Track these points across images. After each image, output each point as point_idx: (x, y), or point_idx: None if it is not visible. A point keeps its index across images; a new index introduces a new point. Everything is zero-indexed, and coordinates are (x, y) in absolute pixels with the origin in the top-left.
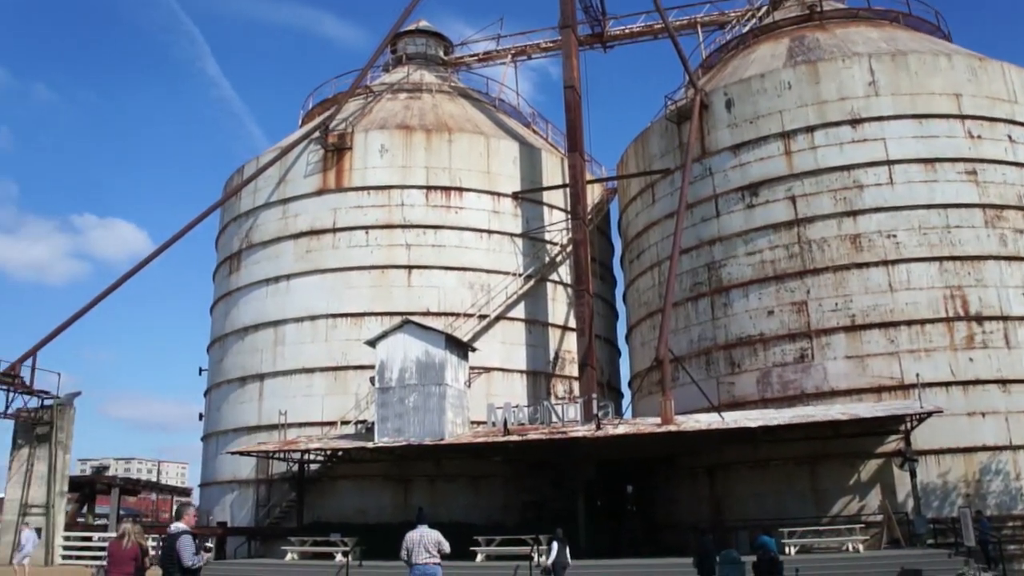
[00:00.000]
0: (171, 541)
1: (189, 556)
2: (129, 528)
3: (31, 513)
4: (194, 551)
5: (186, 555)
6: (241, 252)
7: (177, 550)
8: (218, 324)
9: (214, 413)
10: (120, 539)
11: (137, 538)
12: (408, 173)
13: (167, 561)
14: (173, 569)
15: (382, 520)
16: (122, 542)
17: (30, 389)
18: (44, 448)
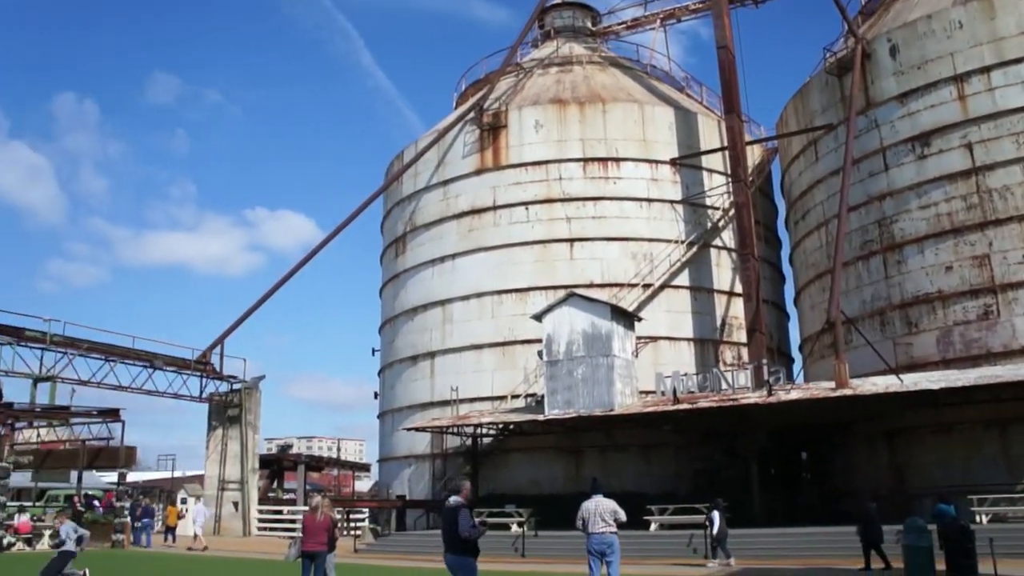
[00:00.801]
0: (451, 513)
1: (467, 527)
2: (321, 501)
3: (228, 488)
4: (471, 523)
5: (464, 526)
6: (406, 235)
7: (457, 520)
8: (388, 305)
9: (388, 391)
10: (313, 511)
11: (328, 511)
12: (564, 147)
13: (449, 530)
14: (454, 538)
15: (555, 491)
16: (315, 514)
17: (220, 375)
18: (236, 429)
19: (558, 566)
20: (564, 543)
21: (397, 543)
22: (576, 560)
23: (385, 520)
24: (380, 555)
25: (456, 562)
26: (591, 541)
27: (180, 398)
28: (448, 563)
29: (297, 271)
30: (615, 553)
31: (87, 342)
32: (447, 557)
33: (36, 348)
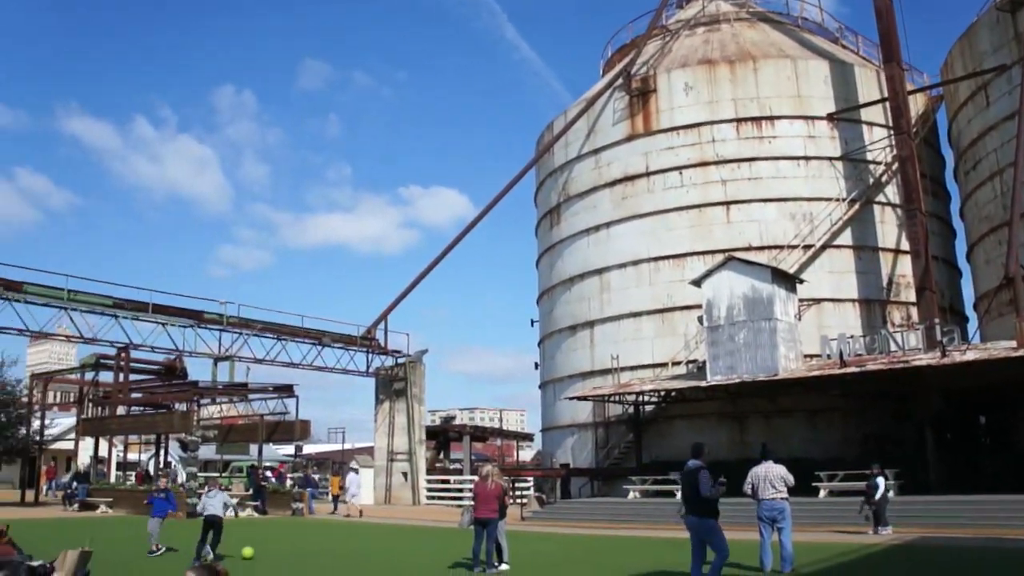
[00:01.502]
0: (691, 475)
1: (707, 487)
2: (491, 470)
3: (397, 459)
4: (711, 484)
5: (704, 487)
6: (560, 205)
7: (698, 482)
8: (544, 276)
9: (548, 361)
10: (484, 480)
11: (498, 479)
12: (716, 108)
13: (689, 492)
14: (695, 500)
15: (719, 457)
16: (486, 483)
17: (385, 349)
18: (402, 401)
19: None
20: (730, 510)
21: (563, 511)
22: (743, 527)
23: (550, 488)
24: (547, 522)
25: (697, 523)
26: (761, 508)
27: (348, 373)
28: (689, 524)
29: (455, 246)
30: (786, 519)
31: (260, 322)
32: (688, 519)
33: (214, 330)
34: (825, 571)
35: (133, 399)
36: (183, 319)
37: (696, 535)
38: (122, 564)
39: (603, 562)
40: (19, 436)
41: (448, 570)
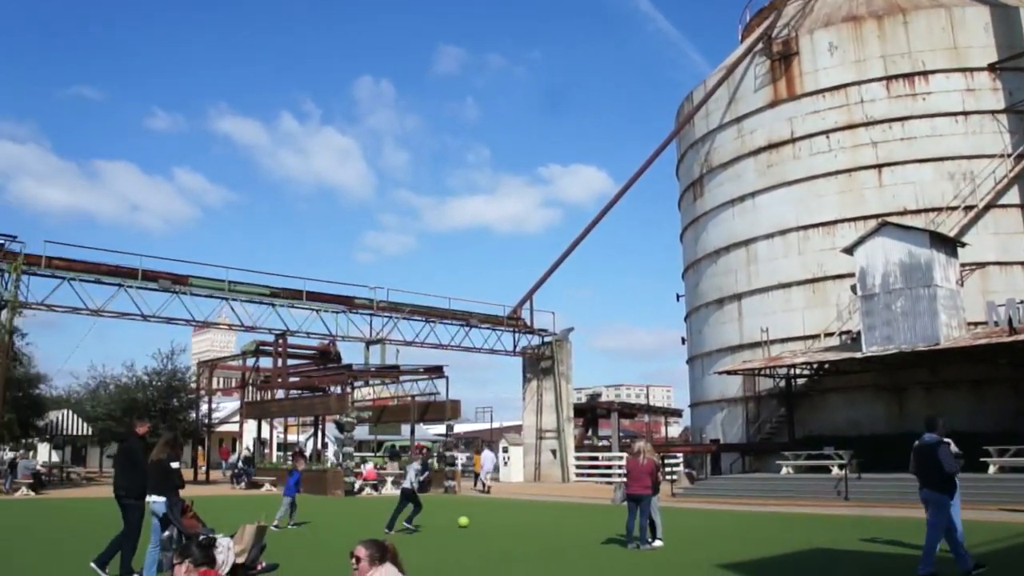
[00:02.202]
0: (928, 449)
1: (951, 464)
2: (643, 446)
3: (545, 437)
4: (952, 459)
5: (948, 463)
6: (702, 177)
7: (939, 458)
8: (689, 250)
9: (696, 336)
10: (636, 456)
11: (650, 455)
12: (863, 67)
13: (924, 466)
14: (930, 474)
15: (876, 431)
16: (638, 459)
17: (531, 329)
18: (549, 380)
19: (886, 510)
20: (890, 486)
21: (714, 487)
22: (905, 504)
23: (699, 465)
24: (698, 499)
25: (933, 497)
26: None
27: (495, 353)
28: (924, 497)
29: (597, 223)
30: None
31: (409, 306)
32: (923, 492)
33: (365, 314)
34: (997, 553)
35: (291, 383)
36: (335, 305)
37: (929, 508)
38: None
39: (757, 538)
40: (189, 419)
41: (601, 546)
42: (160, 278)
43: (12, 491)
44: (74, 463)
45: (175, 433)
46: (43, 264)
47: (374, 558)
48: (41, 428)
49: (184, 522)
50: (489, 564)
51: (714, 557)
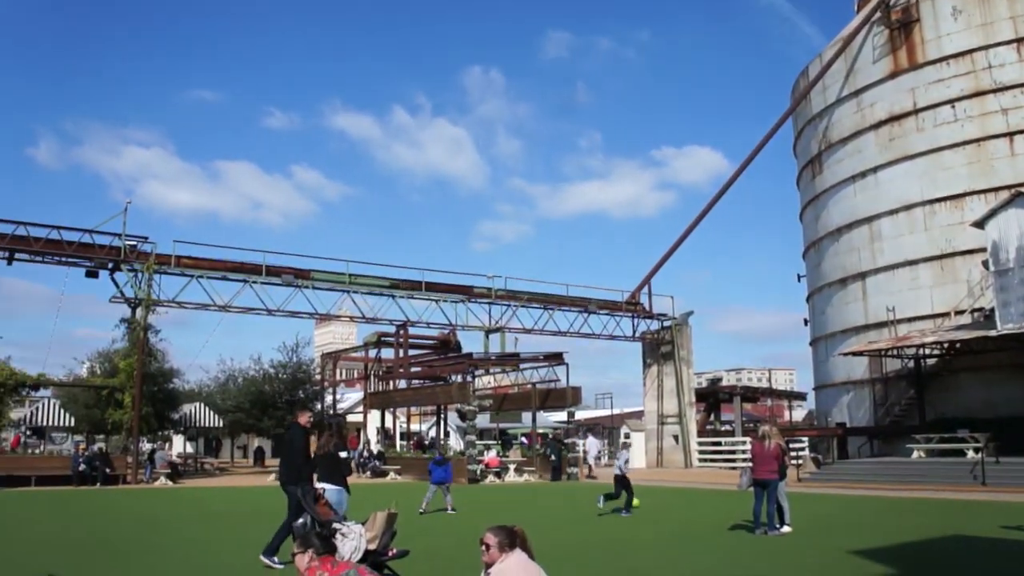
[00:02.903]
0: None
1: None
2: (769, 430)
3: (667, 422)
4: None
5: None
6: (821, 154)
7: None
8: (809, 229)
9: (819, 317)
10: (762, 440)
11: (777, 439)
12: (990, 30)
13: None
14: None
15: (1013, 413)
16: (764, 443)
17: (650, 313)
18: (669, 365)
19: None
20: None
21: (842, 472)
22: None
23: (825, 449)
24: (826, 484)
25: None
26: None
27: (615, 339)
28: None
29: (714, 204)
30: None
31: (527, 293)
32: None
33: (484, 303)
34: None
35: (413, 373)
36: (454, 295)
37: None
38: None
39: (890, 524)
40: (315, 410)
41: (728, 532)
42: (283, 273)
43: (152, 481)
44: (206, 454)
45: (341, 423)
46: (173, 263)
47: (503, 544)
48: (175, 421)
49: (318, 509)
50: (614, 548)
51: (845, 543)
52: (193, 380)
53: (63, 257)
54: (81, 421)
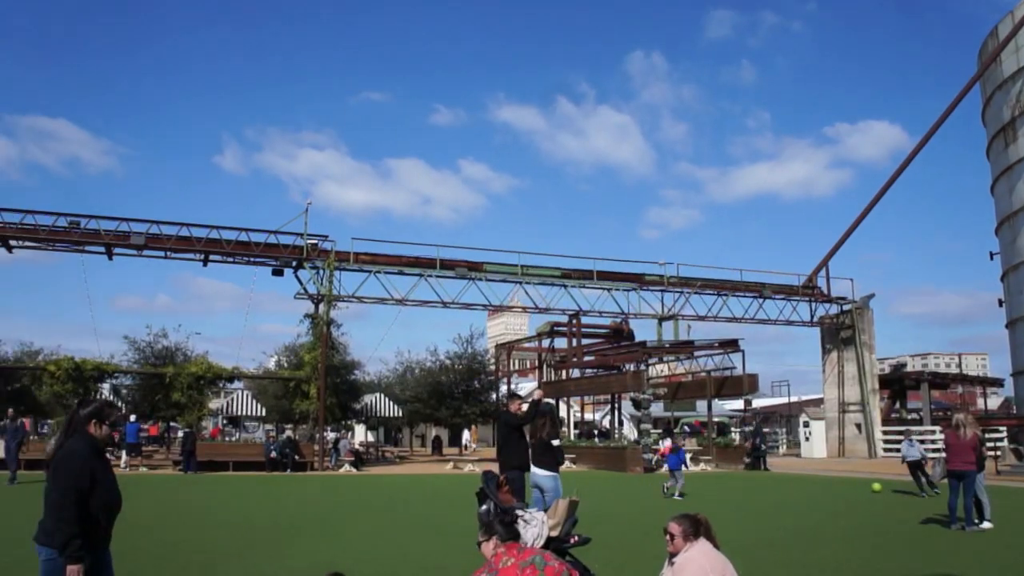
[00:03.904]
0: None
1: None
2: (964, 418)
3: (848, 410)
4: None
5: None
6: (1014, 120)
7: None
8: (1002, 202)
9: (1016, 297)
10: (957, 429)
11: (973, 427)
12: None
13: None
14: None
15: None
16: (959, 432)
17: (828, 297)
18: (850, 350)
19: None
20: None
21: None
22: None
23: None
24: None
25: None
26: None
27: (791, 324)
28: None
29: (894, 181)
30: None
31: (700, 280)
32: None
33: (656, 291)
34: None
35: (586, 362)
36: (626, 283)
37: None
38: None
39: None
40: (490, 401)
41: (920, 526)
42: (457, 266)
43: (337, 468)
44: (386, 443)
45: (553, 411)
46: (352, 260)
47: (688, 533)
48: (357, 411)
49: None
50: (801, 540)
51: None
52: (373, 371)
53: (251, 257)
54: (271, 411)
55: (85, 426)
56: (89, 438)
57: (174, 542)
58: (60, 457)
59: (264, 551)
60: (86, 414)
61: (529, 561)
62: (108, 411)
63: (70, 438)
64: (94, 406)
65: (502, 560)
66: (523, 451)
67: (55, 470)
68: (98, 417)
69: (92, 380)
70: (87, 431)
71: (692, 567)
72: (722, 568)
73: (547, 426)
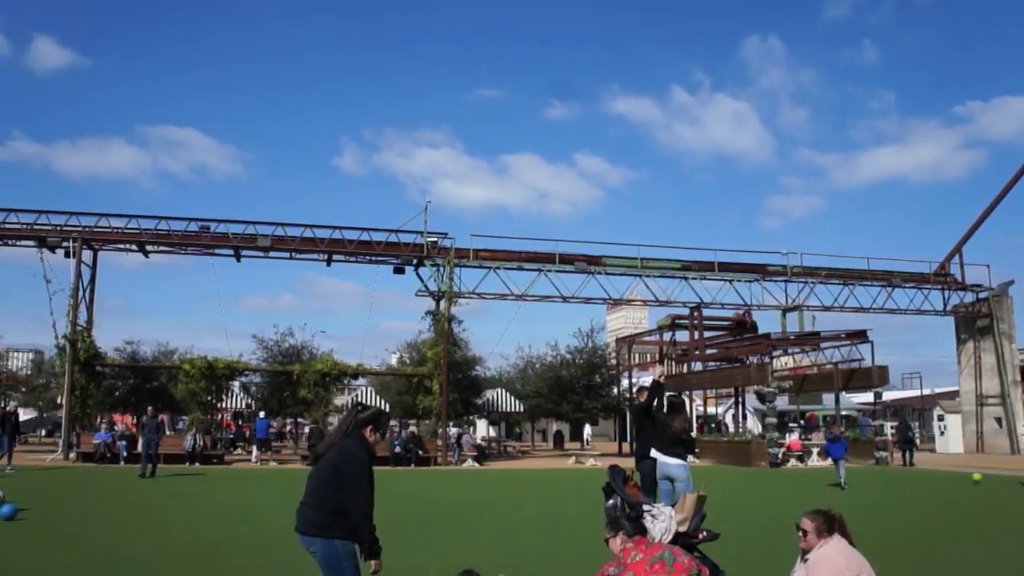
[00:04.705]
0: None
1: None
2: None
3: (987, 403)
4: None
5: None
6: None
7: None
8: None
9: None
10: None
11: None
12: None
13: None
14: None
15: None
16: None
17: (962, 285)
18: (987, 340)
19: None
20: None
21: None
22: None
23: None
24: None
25: None
26: None
27: (923, 313)
28: None
29: None
30: None
31: (825, 269)
32: None
33: (779, 281)
34: None
35: (708, 355)
36: (748, 274)
37: None
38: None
39: None
40: (611, 395)
41: None
42: (576, 260)
43: (460, 463)
44: (507, 437)
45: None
46: (471, 257)
47: (821, 529)
48: (479, 406)
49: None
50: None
51: None
52: (493, 367)
53: (373, 256)
54: (394, 407)
55: (361, 429)
56: (364, 442)
57: None
58: (347, 458)
59: (391, 545)
60: (363, 418)
61: (658, 556)
62: (383, 420)
63: (345, 438)
64: (372, 412)
65: (630, 555)
66: (654, 440)
67: (344, 469)
68: (375, 424)
69: (223, 378)
70: (363, 435)
71: (827, 564)
72: (858, 567)
73: (679, 420)
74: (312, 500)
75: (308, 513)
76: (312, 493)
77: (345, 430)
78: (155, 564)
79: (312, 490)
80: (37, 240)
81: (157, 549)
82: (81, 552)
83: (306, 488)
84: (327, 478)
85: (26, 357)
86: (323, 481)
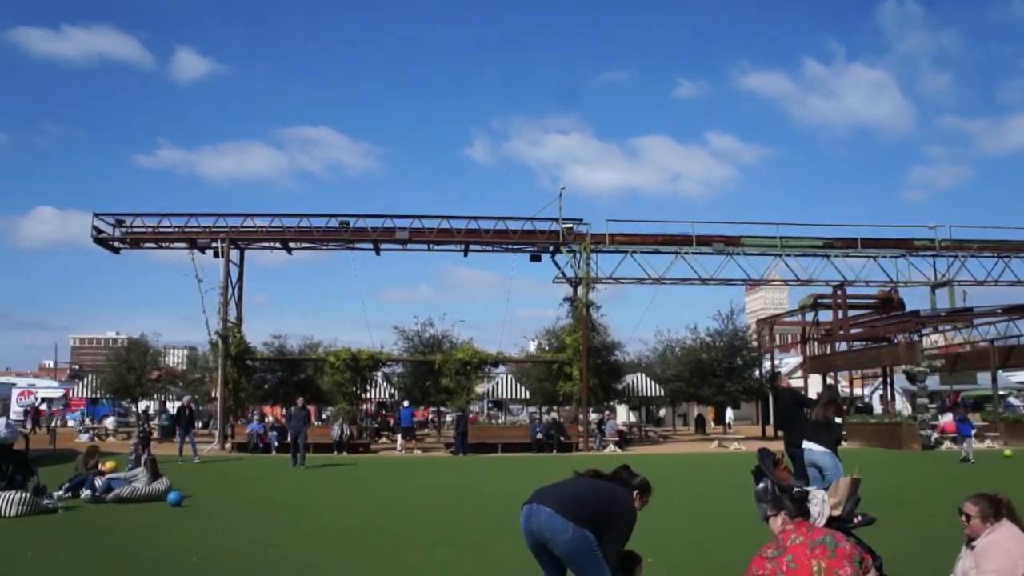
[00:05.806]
0: None
1: None
2: None
3: None
4: None
5: None
6: None
7: None
8: None
9: None
10: None
11: None
12: None
13: None
14: None
15: None
16: None
17: None
18: None
19: None
20: None
21: None
22: None
23: None
24: None
25: None
26: None
27: None
28: None
29: None
30: None
31: (976, 242)
32: None
33: (927, 256)
34: None
35: (853, 335)
36: (893, 249)
37: None
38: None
39: None
40: (753, 378)
41: None
42: (713, 242)
43: (602, 448)
44: (648, 422)
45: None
46: (607, 242)
47: (987, 514)
48: (619, 391)
49: (777, 474)
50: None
51: None
52: (633, 352)
53: (509, 245)
54: (534, 394)
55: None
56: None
57: (449, 517)
58: (624, 510)
59: None
60: (636, 484)
61: (820, 541)
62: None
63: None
64: (644, 480)
65: (791, 538)
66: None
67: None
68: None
69: (367, 369)
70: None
71: (997, 552)
72: None
73: (830, 406)
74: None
75: (569, 504)
76: (574, 497)
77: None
78: (311, 549)
79: (574, 494)
80: (188, 242)
81: (314, 535)
82: (243, 537)
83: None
84: (597, 500)
85: (182, 353)
86: (588, 498)
